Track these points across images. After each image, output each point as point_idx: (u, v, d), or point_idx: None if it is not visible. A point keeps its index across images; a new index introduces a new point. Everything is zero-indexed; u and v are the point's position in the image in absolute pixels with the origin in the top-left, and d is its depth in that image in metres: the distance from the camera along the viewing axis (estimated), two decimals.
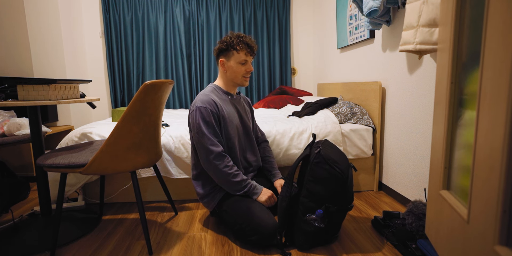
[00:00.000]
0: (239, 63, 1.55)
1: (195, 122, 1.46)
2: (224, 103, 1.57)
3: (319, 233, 1.35)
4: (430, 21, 1.37)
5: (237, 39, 1.54)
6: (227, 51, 1.55)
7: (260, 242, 1.38)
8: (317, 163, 1.35)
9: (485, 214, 0.67)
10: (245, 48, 1.54)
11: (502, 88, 0.60)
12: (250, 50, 1.56)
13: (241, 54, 1.54)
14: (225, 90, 1.63)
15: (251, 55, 1.58)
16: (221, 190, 1.54)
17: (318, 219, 1.32)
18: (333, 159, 1.35)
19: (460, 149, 0.90)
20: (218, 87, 1.62)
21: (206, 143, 1.44)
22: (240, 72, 1.57)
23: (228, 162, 1.46)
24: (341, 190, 1.34)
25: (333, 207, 1.33)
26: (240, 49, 1.53)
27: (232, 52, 1.54)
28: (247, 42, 1.55)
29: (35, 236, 1.51)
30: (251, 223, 1.37)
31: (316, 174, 1.34)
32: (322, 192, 1.34)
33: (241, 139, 1.63)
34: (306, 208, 1.36)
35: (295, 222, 1.40)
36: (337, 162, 1.34)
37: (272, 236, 1.37)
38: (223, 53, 1.57)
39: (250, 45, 1.56)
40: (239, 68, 1.56)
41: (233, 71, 1.57)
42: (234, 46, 1.53)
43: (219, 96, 1.58)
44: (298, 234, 1.39)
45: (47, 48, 2.80)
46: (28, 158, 2.41)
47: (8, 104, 1.34)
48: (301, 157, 1.45)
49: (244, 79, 1.60)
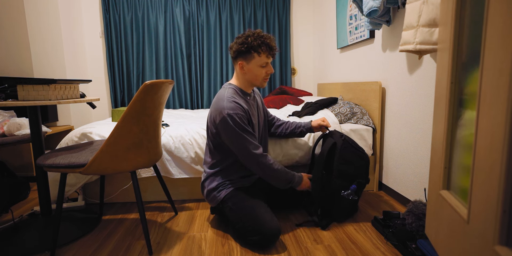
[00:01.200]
0: (260, 66, 1.49)
1: (229, 130, 1.42)
2: (247, 105, 1.54)
3: (353, 205, 1.68)
4: (430, 21, 1.37)
5: (258, 40, 1.44)
6: (247, 54, 1.46)
7: (260, 243, 1.38)
8: (345, 148, 1.64)
9: (485, 214, 0.67)
10: (267, 50, 1.46)
11: (502, 88, 0.60)
12: (272, 52, 1.48)
13: (263, 57, 1.47)
14: (244, 90, 1.58)
15: (273, 57, 1.51)
16: (228, 186, 1.54)
17: (353, 193, 1.60)
18: (355, 143, 1.69)
19: (460, 149, 0.90)
20: (238, 88, 1.56)
21: (249, 148, 1.43)
22: (261, 75, 1.52)
23: (270, 160, 1.49)
24: (366, 166, 1.67)
25: (363, 181, 1.63)
26: (262, 52, 1.45)
27: (253, 55, 1.46)
28: (269, 43, 1.46)
29: (35, 236, 1.51)
30: (254, 223, 1.38)
31: (345, 157, 1.63)
32: (352, 171, 1.63)
33: (261, 135, 1.67)
34: (340, 186, 1.62)
35: (331, 200, 1.64)
36: (358, 145, 1.69)
37: (274, 239, 1.37)
38: (242, 55, 1.48)
39: (272, 47, 1.47)
40: (260, 71, 1.50)
41: (254, 74, 1.51)
42: (256, 48, 1.44)
43: (241, 98, 1.54)
44: (335, 209, 1.64)
45: (47, 48, 2.80)
46: (28, 158, 2.41)
47: (8, 104, 1.34)
48: (329, 146, 1.65)
49: (264, 81, 1.55)
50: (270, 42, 1.47)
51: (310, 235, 1.51)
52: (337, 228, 1.59)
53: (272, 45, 1.47)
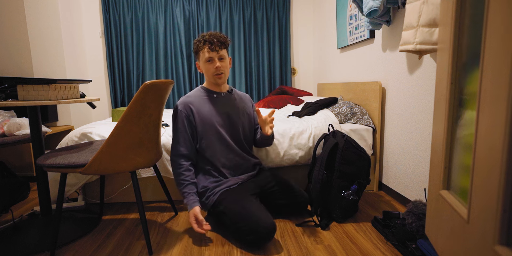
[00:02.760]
0: (205, 61, 1.55)
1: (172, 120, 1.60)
2: (204, 102, 1.60)
3: (353, 205, 1.66)
4: (430, 21, 1.37)
5: (200, 38, 1.55)
6: (196, 53, 1.59)
7: (256, 241, 1.36)
8: (347, 149, 1.65)
9: (485, 214, 0.67)
10: (206, 44, 1.52)
11: (502, 88, 0.60)
12: (211, 45, 1.51)
13: (205, 52, 1.54)
14: (210, 89, 1.65)
15: (214, 51, 1.52)
16: (215, 192, 1.54)
17: (353, 193, 1.61)
18: (356, 143, 1.69)
19: (460, 149, 0.90)
20: (204, 87, 1.67)
21: (173, 142, 1.58)
22: (209, 71, 1.57)
23: (183, 166, 1.53)
24: (367, 167, 1.68)
25: (363, 181, 1.65)
26: (204, 48, 1.53)
27: (199, 53, 1.57)
28: (207, 39, 1.52)
29: (35, 236, 1.51)
30: (248, 223, 1.36)
31: (347, 157, 1.64)
32: (353, 171, 1.64)
33: (224, 137, 1.62)
34: (341, 186, 1.63)
35: (332, 200, 1.65)
36: (359, 145, 1.69)
37: (269, 236, 1.35)
38: (196, 56, 1.61)
39: (210, 40, 1.51)
40: (207, 67, 1.57)
41: (205, 71, 1.59)
42: (199, 46, 1.55)
43: (201, 96, 1.62)
44: (335, 209, 1.64)
45: (47, 48, 2.79)
46: (28, 158, 2.41)
47: (8, 104, 1.34)
48: (330, 146, 1.67)
49: (217, 77, 1.58)
50: (209, 38, 1.52)
51: (310, 235, 1.51)
52: (337, 228, 1.59)
53: (210, 39, 1.52)
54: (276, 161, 1.94)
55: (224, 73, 1.58)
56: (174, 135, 1.59)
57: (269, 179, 1.69)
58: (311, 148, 1.95)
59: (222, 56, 1.56)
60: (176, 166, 1.55)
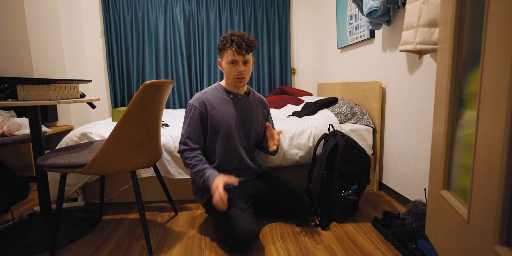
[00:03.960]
0: (229, 62, 1.50)
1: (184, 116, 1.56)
2: (220, 102, 1.55)
3: (353, 205, 1.66)
4: (430, 21, 1.37)
5: (228, 38, 1.47)
6: (221, 51, 1.52)
7: (234, 246, 1.34)
8: (347, 149, 1.64)
9: (485, 214, 0.67)
10: (234, 46, 1.45)
11: (502, 88, 0.60)
12: (238, 48, 1.44)
13: (230, 53, 1.47)
14: (227, 89, 1.60)
15: (240, 54, 1.46)
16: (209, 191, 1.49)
17: (353, 193, 1.61)
18: (356, 143, 1.69)
19: (460, 149, 0.90)
20: (220, 86, 1.61)
21: (183, 133, 1.54)
22: (231, 73, 1.51)
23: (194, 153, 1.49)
24: (367, 167, 1.68)
25: (363, 181, 1.64)
26: (229, 48, 1.46)
27: (224, 52, 1.50)
28: (235, 40, 1.45)
29: (35, 236, 1.51)
30: (228, 227, 1.35)
31: (347, 157, 1.64)
32: (353, 171, 1.64)
33: (232, 141, 1.57)
34: (341, 186, 1.63)
35: (332, 200, 1.65)
36: (359, 146, 1.69)
37: (247, 243, 1.32)
38: (220, 53, 1.55)
39: (238, 43, 1.44)
40: (229, 69, 1.51)
41: (226, 72, 1.54)
42: (226, 45, 1.48)
43: (218, 95, 1.57)
44: (335, 209, 1.64)
45: (47, 48, 2.79)
46: (28, 158, 2.41)
47: (8, 104, 1.34)
48: (330, 146, 1.67)
49: (237, 81, 1.52)
50: (237, 39, 1.45)
51: (310, 235, 1.51)
52: (337, 228, 1.59)
53: (236, 40, 1.45)
54: (276, 161, 1.94)
55: (246, 77, 1.53)
56: (185, 129, 1.53)
57: (270, 182, 1.67)
58: (311, 148, 1.95)
59: (247, 60, 1.50)
60: (186, 156, 1.49)
